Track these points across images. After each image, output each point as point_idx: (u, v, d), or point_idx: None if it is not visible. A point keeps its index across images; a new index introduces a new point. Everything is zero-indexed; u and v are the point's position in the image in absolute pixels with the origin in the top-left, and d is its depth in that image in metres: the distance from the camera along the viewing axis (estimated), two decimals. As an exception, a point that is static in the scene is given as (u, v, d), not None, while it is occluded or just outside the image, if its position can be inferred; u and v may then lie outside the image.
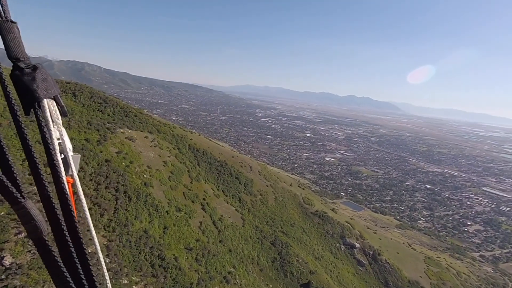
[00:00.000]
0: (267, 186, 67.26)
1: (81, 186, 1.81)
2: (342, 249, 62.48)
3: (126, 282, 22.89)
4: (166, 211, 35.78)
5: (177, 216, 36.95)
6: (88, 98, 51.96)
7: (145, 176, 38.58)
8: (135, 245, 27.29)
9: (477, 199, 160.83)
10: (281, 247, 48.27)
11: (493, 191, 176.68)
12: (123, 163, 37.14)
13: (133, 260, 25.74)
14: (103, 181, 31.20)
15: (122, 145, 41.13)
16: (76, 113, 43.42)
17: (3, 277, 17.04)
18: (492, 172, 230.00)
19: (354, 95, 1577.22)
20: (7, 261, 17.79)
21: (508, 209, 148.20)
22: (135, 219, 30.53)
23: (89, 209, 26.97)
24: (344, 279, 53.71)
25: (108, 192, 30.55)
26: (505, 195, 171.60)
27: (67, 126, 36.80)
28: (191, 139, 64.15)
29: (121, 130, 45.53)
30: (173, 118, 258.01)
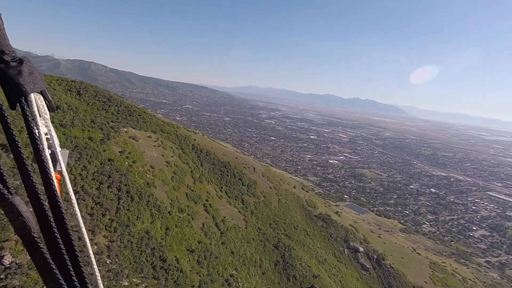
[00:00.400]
0: (271, 188, 66.68)
1: (84, 184, 1.57)
2: (346, 253, 61.58)
3: (126, 283, 22.49)
4: (169, 212, 35.42)
5: (180, 217, 36.56)
6: (92, 97, 52.02)
7: (147, 176, 38.30)
8: (136, 246, 26.92)
9: (483, 203, 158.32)
10: (284, 250, 47.61)
11: (499, 196, 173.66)
12: (126, 163, 36.92)
13: (134, 261, 25.36)
14: (106, 181, 30.94)
15: (126, 145, 40.94)
16: (80, 111, 43.37)
17: (2, 276, 16.74)
18: (498, 176, 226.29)
19: (358, 98, 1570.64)
20: (7, 260, 17.49)
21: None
22: (137, 219, 30.19)
23: (91, 208, 26.71)
24: (348, 283, 52.81)
25: (111, 192, 30.27)
26: (511, 200, 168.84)
27: (71, 124, 36.70)
28: (195, 140, 63.88)
29: (124, 129, 45.39)
30: (177, 118, 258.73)
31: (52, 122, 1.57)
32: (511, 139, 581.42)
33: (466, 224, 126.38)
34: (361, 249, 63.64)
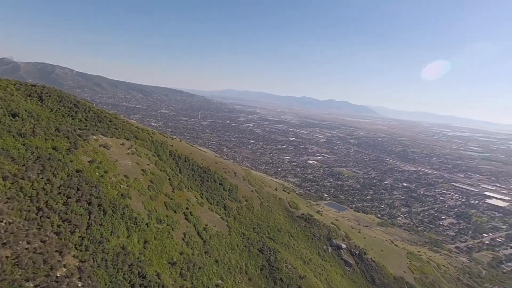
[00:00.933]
0: (252, 191, 65.94)
1: (48, 200, 1.56)
2: (329, 251, 62.51)
3: (101, 307, 20.41)
4: (146, 224, 33.23)
5: (158, 229, 34.47)
6: (56, 103, 47.85)
7: (121, 186, 35.74)
8: (112, 264, 24.69)
9: (449, 194, 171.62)
10: (269, 253, 47.00)
11: (463, 186, 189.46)
12: (97, 173, 34.14)
13: (109, 281, 23.18)
14: (74, 194, 28.20)
15: (96, 154, 37.97)
16: (43, 118, 39.53)
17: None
18: (460, 168, 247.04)
19: (333, 99, 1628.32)
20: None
21: (477, 202, 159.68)
22: (111, 234, 27.82)
23: (58, 226, 24.07)
24: (333, 281, 53.48)
25: (80, 206, 27.62)
26: (473, 189, 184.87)
27: (32, 133, 33.18)
28: (172, 145, 61.39)
29: (94, 137, 42.20)
30: (152, 123, 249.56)
31: (9, 132, 1.31)
32: (469, 134, 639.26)
33: (435, 214, 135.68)
34: (344, 245, 65.04)
